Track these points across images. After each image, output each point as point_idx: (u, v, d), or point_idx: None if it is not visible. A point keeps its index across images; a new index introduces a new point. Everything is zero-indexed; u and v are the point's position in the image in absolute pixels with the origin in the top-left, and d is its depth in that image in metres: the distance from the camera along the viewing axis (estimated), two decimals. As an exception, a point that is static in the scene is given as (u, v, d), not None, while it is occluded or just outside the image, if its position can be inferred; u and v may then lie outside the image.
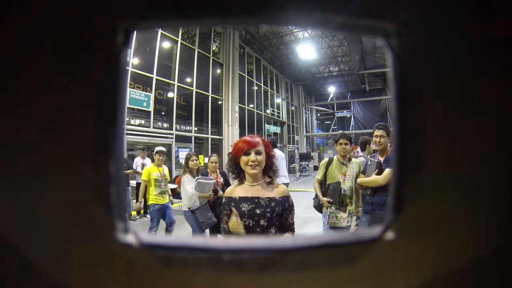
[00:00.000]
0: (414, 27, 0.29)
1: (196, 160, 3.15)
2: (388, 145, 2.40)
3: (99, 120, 0.30)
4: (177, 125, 8.85)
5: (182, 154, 8.62)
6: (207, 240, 0.31)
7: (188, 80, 9.43)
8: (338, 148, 2.66)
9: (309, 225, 4.15)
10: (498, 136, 0.29)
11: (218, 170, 3.30)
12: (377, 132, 2.39)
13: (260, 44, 13.86)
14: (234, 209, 1.28)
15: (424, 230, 0.30)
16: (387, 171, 2.31)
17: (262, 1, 0.29)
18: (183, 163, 3.48)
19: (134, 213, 5.61)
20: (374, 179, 2.41)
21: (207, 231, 3.08)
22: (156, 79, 8.00)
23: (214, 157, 3.30)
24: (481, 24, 0.28)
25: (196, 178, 2.99)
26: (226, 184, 3.17)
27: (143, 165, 5.50)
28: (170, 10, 0.29)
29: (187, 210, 3.01)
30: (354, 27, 0.31)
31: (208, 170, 3.29)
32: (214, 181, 3.07)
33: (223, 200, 1.38)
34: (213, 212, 3.02)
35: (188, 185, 2.98)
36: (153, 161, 4.26)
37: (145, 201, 5.14)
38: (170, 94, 8.72)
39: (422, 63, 0.29)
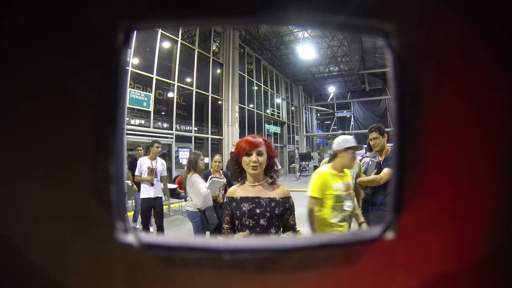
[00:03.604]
0: (414, 27, 0.29)
1: (203, 160, 3.11)
2: (386, 144, 2.41)
3: (99, 120, 0.30)
4: (177, 125, 8.84)
5: (182, 154, 8.63)
6: (207, 240, 0.32)
7: (188, 80, 9.43)
8: None
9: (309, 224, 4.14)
10: (498, 136, 0.29)
11: (221, 171, 3.28)
12: (371, 135, 2.43)
13: (260, 44, 13.85)
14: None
15: (424, 230, 0.30)
16: (385, 170, 2.32)
17: (262, 1, 0.29)
18: (183, 162, 3.44)
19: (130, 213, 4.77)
20: (372, 178, 2.42)
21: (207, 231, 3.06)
22: (156, 79, 8.00)
23: (218, 157, 3.28)
24: (481, 23, 0.28)
25: (211, 177, 2.96)
26: (229, 184, 3.14)
27: (151, 170, 3.73)
28: (170, 10, 0.29)
29: (196, 210, 2.92)
30: (354, 27, 0.31)
31: (211, 170, 3.26)
32: (224, 180, 3.04)
33: (225, 200, 1.38)
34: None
35: (202, 184, 2.90)
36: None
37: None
38: (170, 94, 8.72)
39: (422, 63, 0.29)
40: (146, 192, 3.71)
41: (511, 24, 0.28)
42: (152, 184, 3.69)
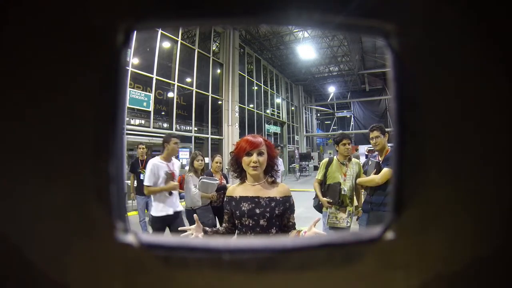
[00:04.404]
0: (414, 27, 0.29)
1: (201, 160, 3.13)
2: (386, 144, 2.41)
3: (99, 120, 0.30)
4: (177, 125, 8.85)
5: (182, 154, 8.63)
6: (207, 240, 0.31)
7: (188, 80, 9.44)
8: (342, 149, 2.65)
9: (309, 225, 4.14)
10: (498, 136, 0.29)
11: (220, 172, 3.30)
12: (372, 134, 2.42)
13: (260, 44, 13.85)
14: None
15: (424, 230, 0.30)
16: (384, 170, 2.32)
17: (262, 1, 0.29)
18: (183, 162, 3.44)
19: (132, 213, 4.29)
20: (371, 178, 2.42)
21: None
22: (156, 79, 8.01)
23: (219, 158, 3.31)
24: (481, 23, 0.28)
25: (200, 177, 2.98)
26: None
27: (171, 175, 2.59)
28: (170, 10, 0.29)
29: (189, 209, 3.00)
30: (354, 27, 0.30)
31: (211, 170, 3.28)
32: (218, 181, 3.06)
33: (225, 199, 1.38)
34: (218, 212, 3.02)
35: (192, 184, 2.97)
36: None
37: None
38: (170, 94, 8.73)
39: (422, 63, 0.29)
40: (162, 207, 2.56)
41: (511, 24, 0.28)
42: (171, 193, 2.65)
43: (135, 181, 3.88)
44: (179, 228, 1.32)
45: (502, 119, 0.29)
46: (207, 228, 1.32)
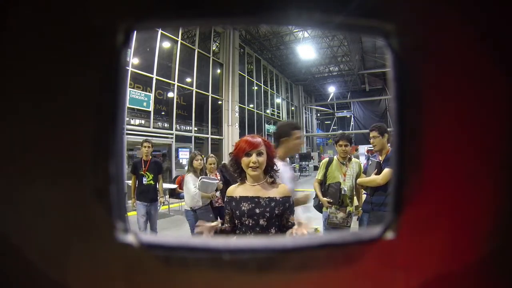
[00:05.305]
0: (414, 27, 0.29)
1: (200, 160, 3.14)
2: (387, 144, 2.41)
3: (99, 120, 0.30)
4: (177, 125, 8.85)
5: (182, 154, 8.63)
6: (207, 240, 0.32)
7: (188, 80, 9.44)
8: (338, 150, 2.67)
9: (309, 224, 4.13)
10: (498, 136, 0.29)
11: (216, 170, 3.31)
12: (370, 134, 2.42)
13: (260, 44, 13.85)
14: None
15: (424, 230, 0.30)
16: (385, 170, 2.32)
17: (262, 1, 0.29)
18: (183, 162, 3.42)
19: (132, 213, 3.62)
20: (372, 178, 2.42)
21: None
22: (156, 79, 8.02)
23: (212, 159, 3.33)
24: (480, 23, 0.28)
25: (200, 177, 2.99)
26: (226, 183, 3.17)
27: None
28: (170, 10, 0.29)
29: (189, 209, 3.01)
30: (354, 27, 0.31)
31: (207, 171, 3.29)
32: (217, 181, 3.07)
33: (225, 199, 1.39)
34: (218, 214, 3.02)
35: (192, 184, 2.98)
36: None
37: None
38: (170, 94, 8.74)
39: (422, 63, 0.29)
40: None
41: (510, 24, 0.28)
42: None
43: (136, 184, 3.40)
44: (196, 224, 1.30)
45: (502, 119, 0.29)
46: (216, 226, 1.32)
